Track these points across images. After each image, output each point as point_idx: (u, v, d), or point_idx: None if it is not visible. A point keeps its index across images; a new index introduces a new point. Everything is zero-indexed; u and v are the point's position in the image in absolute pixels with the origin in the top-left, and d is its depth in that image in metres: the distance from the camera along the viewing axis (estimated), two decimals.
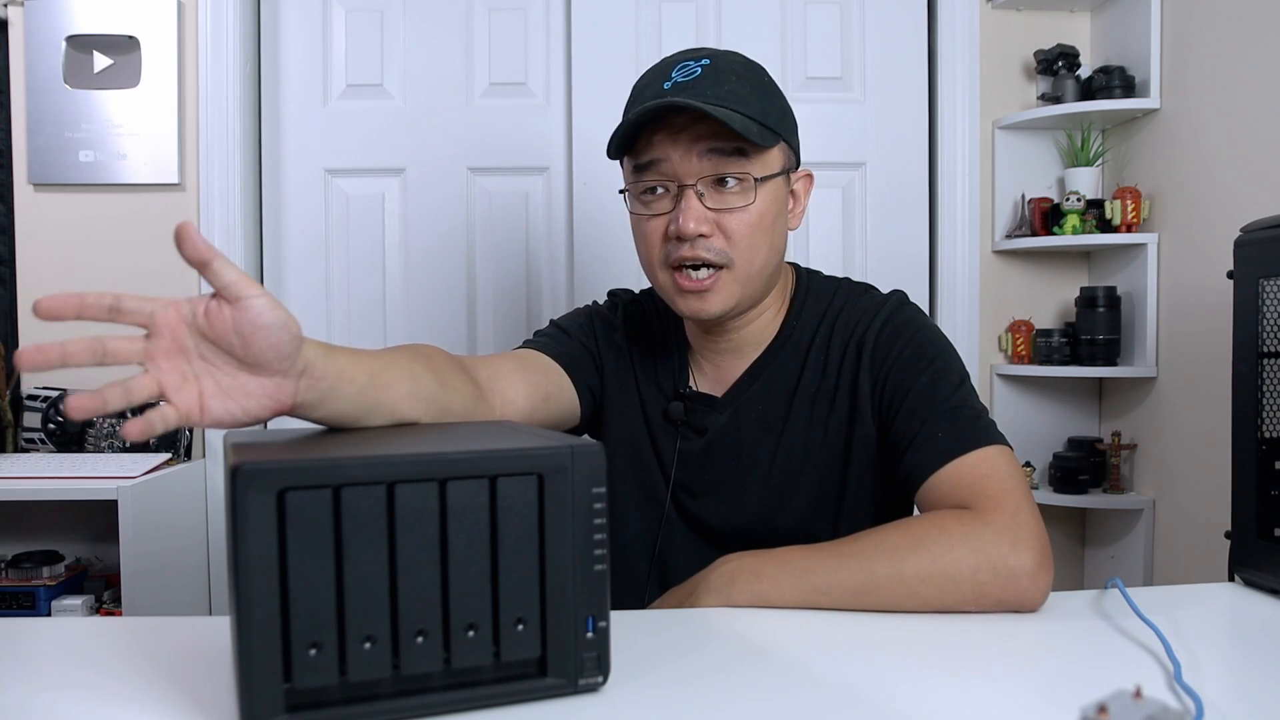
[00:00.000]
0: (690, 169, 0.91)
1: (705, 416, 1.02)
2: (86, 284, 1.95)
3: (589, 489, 0.57)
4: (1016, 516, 0.78)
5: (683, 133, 0.91)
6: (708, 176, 0.91)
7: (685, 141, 0.91)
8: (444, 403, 0.78)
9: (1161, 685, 0.60)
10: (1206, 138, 1.81)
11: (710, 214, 0.92)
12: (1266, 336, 0.84)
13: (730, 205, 0.92)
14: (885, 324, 0.97)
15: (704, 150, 0.91)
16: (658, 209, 0.94)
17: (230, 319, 0.59)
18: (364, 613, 0.52)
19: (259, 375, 0.61)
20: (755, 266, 0.94)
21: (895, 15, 2.08)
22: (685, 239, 0.92)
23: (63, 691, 0.60)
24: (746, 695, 0.59)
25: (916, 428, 0.89)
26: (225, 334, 0.59)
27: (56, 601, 1.69)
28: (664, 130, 0.91)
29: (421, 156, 2.04)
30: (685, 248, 0.92)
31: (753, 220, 0.93)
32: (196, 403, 0.60)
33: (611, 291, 1.15)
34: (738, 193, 0.92)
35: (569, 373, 1.02)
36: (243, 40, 1.97)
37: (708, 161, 0.91)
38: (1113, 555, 2.10)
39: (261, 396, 0.61)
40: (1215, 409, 1.77)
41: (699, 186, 0.92)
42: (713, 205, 0.92)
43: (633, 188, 0.96)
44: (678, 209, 0.92)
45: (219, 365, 0.61)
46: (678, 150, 0.91)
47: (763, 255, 0.94)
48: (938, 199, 2.09)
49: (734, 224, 0.92)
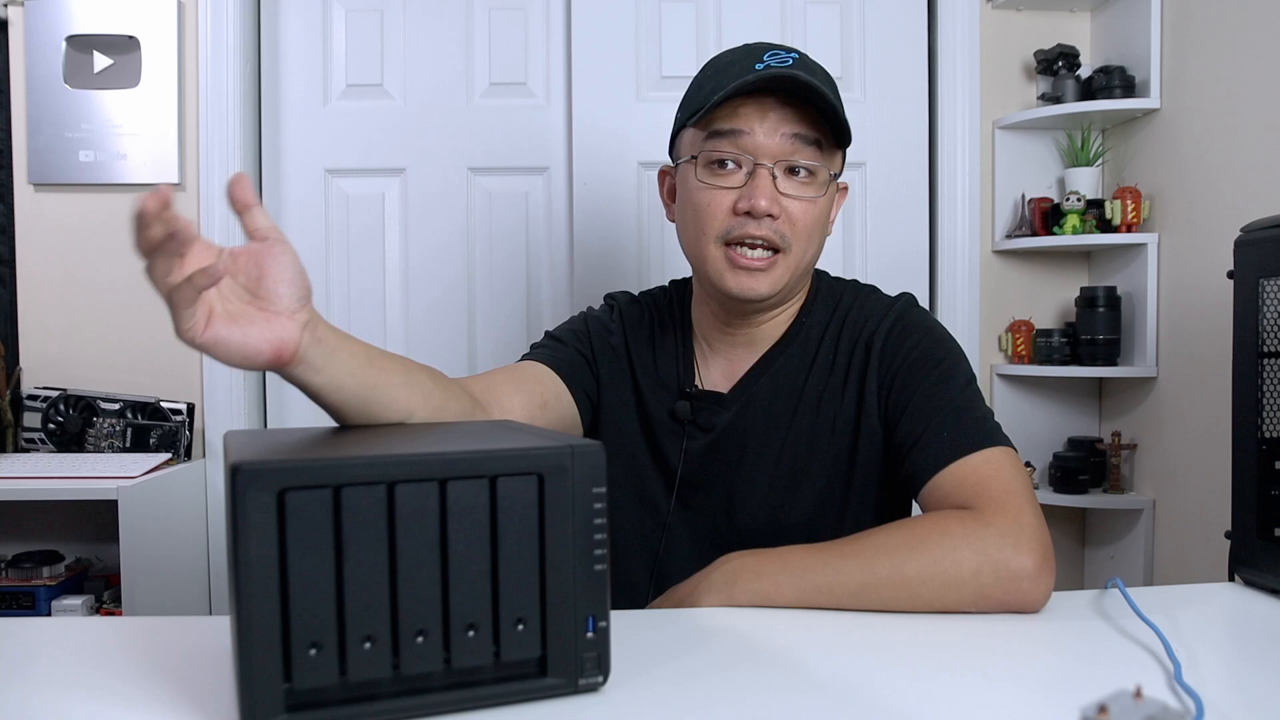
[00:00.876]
0: (771, 148, 0.92)
1: (712, 414, 1.02)
2: (86, 284, 1.95)
3: (589, 489, 0.57)
4: (1019, 518, 0.78)
5: (771, 112, 0.92)
6: (785, 161, 0.93)
7: (773, 120, 0.92)
8: (441, 400, 0.78)
9: (1161, 685, 0.60)
10: (1206, 138, 1.81)
11: (781, 198, 0.93)
12: (1266, 336, 0.84)
13: (801, 194, 0.94)
14: (895, 324, 0.97)
15: (789, 133, 0.92)
16: (728, 182, 0.94)
17: (255, 253, 0.64)
18: (364, 613, 0.52)
19: (267, 310, 0.64)
20: (806, 259, 0.96)
21: (895, 15, 2.08)
22: (755, 215, 0.92)
23: (63, 691, 0.60)
24: (746, 695, 0.59)
25: (922, 427, 0.89)
26: (247, 266, 0.64)
27: (56, 601, 1.69)
28: (752, 104, 0.92)
29: (421, 156, 2.04)
30: (752, 225, 0.92)
31: (816, 215, 0.95)
32: (202, 319, 0.61)
33: (608, 295, 1.14)
34: (809, 184, 0.94)
35: (565, 380, 1.02)
36: (243, 40, 1.97)
37: (789, 144, 0.92)
38: (1113, 555, 2.10)
39: (265, 331, 0.63)
40: (1215, 409, 1.77)
41: (775, 169, 0.93)
42: (783, 190, 0.93)
43: (704, 155, 0.95)
44: (750, 185, 0.92)
45: (233, 296, 0.64)
46: (764, 126, 0.92)
47: (814, 250, 0.97)
48: (938, 199, 2.09)
49: (800, 213, 0.94)
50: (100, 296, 1.95)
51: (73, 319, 1.95)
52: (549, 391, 1.00)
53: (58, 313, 1.95)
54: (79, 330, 1.95)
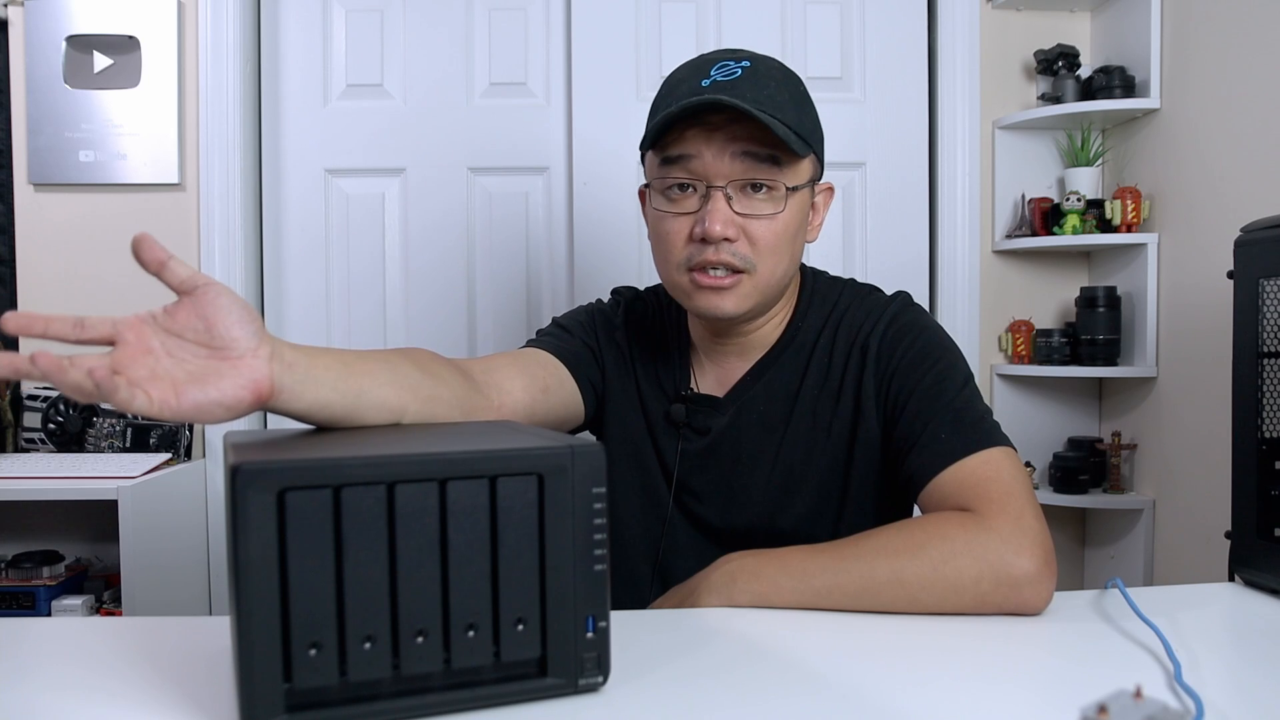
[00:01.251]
0: (722, 170, 0.90)
1: (707, 417, 1.01)
2: (86, 284, 1.95)
3: (589, 489, 0.57)
4: (1020, 521, 0.78)
5: (718, 132, 0.89)
6: (738, 180, 0.90)
7: (720, 141, 0.89)
8: (431, 390, 0.76)
9: (1161, 685, 0.60)
10: (1206, 138, 1.81)
11: (737, 218, 0.90)
12: (1266, 336, 0.84)
13: (759, 212, 0.91)
14: (890, 325, 0.96)
15: (738, 152, 0.89)
16: (683, 207, 0.92)
17: (191, 306, 0.61)
18: (364, 613, 0.52)
19: (229, 359, 0.61)
20: (776, 275, 0.93)
21: (895, 15, 2.08)
22: (710, 241, 0.90)
23: (63, 691, 0.60)
24: (746, 695, 0.59)
25: (920, 429, 0.89)
26: (189, 321, 0.61)
27: (56, 601, 1.69)
28: (699, 127, 0.89)
29: (421, 156, 2.04)
30: (709, 251, 0.90)
31: (779, 230, 0.91)
32: (171, 392, 0.58)
33: (615, 289, 1.14)
34: (767, 200, 0.91)
35: (570, 368, 1.01)
36: (243, 40, 1.97)
37: (740, 164, 0.89)
38: (1113, 555, 2.10)
39: (236, 378, 0.61)
40: (1215, 409, 1.77)
41: (728, 189, 0.90)
42: (740, 210, 0.90)
43: (658, 182, 0.94)
44: (704, 209, 0.90)
45: (189, 356, 0.61)
46: (711, 149, 0.89)
47: (784, 266, 0.94)
48: (938, 199, 2.09)
49: (760, 231, 0.91)
50: (100, 296, 1.95)
51: None
52: (552, 378, 0.99)
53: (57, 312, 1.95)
54: None
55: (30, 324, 0.58)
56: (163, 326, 0.60)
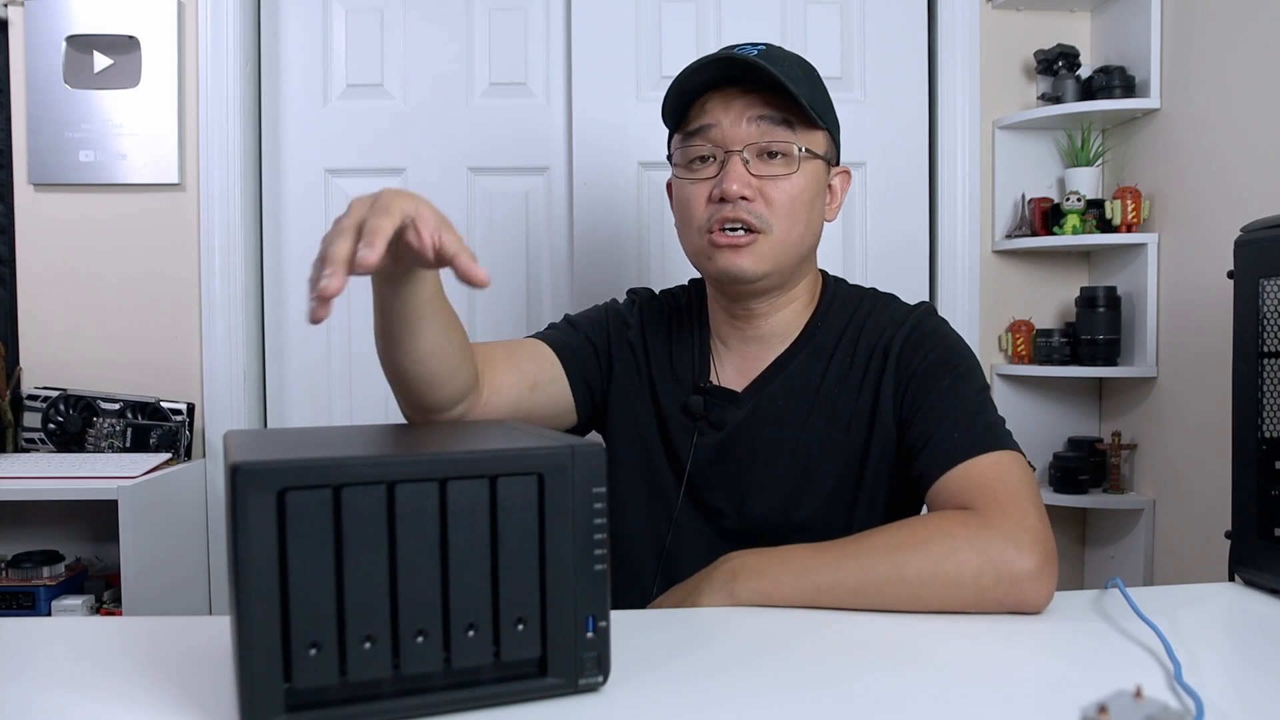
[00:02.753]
0: (739, 135, 0.95)
1: (724, 411, 1.02)
2: (86, 284, 1.95)
3: (589, 489, 0.57)
4: (1023, 520, 0.78)
5: (735, 100, 0.95)
6: (754, 145, 0.95)
7: (737, 108, 0.95)
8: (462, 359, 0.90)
9: (1161, 685, 0.60)
10: (1206, 138, 1.81)
11: (754, 180, 0.95)
12: (1266, 336, 0.84)
13: (774, 173, 0.95)
14: (914, 330, 0.99)
15: (754, 117, 0.94)
16: (703, 174, 0.97)
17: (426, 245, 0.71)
18: (364, 613, 0.52)
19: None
20: (792, 238, 0.97)
21: (895, 15, 2.08)
22: (728, 200, 0.94)
23: (63, 691, 0.60)
24: (747, 694, 0.59)
25: (934, 428, 0.91)
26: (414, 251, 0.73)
27: (56, 601, 1.69)
28: (717, 97, 0.96)
29: (421, 156, 2.04)
30: (727, 208, 0.95)
31: (794, 191, 0.96)
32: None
33: (631, 290, 1.16)
34: (782, 163, 0.96)
35: (564, 363, 1.03)
36: (243, 40, 1.96)
37: (755, 128, 0.95)
38: (1113, 555, 2.10)
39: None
40: (1215, 409, 1.77)
41: (745, 154, 0.95)
42: (757, 173, 0.95)
43: (680, 155, 0.99)
44: (722, 173, 0.95)
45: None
46: (729, 116, 0.95)
47: (800, 229, 0.97)
48: (938, 199, 2.09)
49: (776, 192, 0.95)
50: (100, 296, 1.95)
51: (73, 319, 1.95)
52: (544, 374, 1.01)
53: (58, 313, 1.95)
54: (79, 330, 1.95)
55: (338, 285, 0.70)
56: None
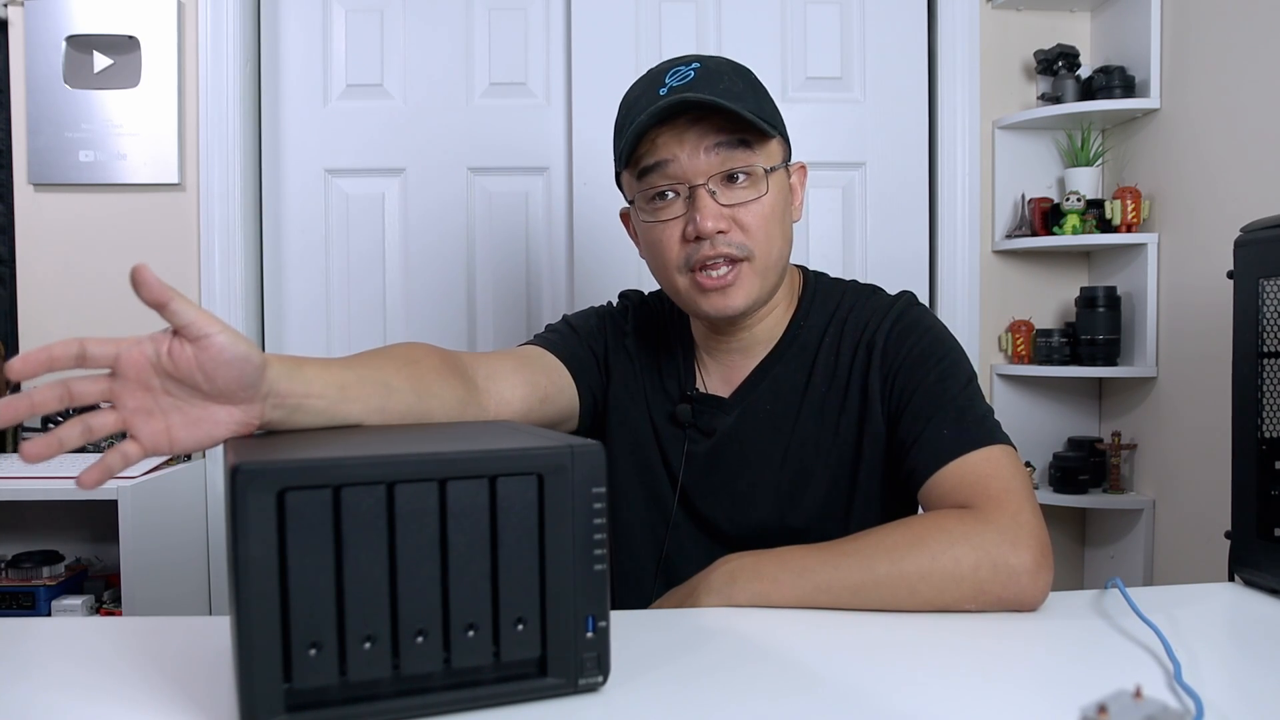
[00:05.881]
0: (699, 167, 0.91)
1: (713, 418, 1.02)
2: (86, 284, 1.95)
3: (589, 489, 0.57)
4: (1018, 516, 0.78)
5: (688, 131, 0.91)
6: (717, 174, 0.92)
7: (692, 140, 0.91)
8: (422, 414, 0.76)
9: (1161, 685, 0.60)
10: (1206, 138, 1.80)
11: (725, 210, 0.92)
12: (1266, 336, 0.84)
13: (744, 199, 0.93)
14: (895, 323, 0.97)
15: (711, 145, 0.91)
16: (670, 213, 0.94)
17: (193, 357, 0.61)
18: (364, 613, 0.52)
19: (225, 404, 0.63)
20: (773, 257, 0.95)
21: (895, 15, 2.08)
22: (705, 238, 0.92)
23: (63, 691, 0.60)
24: (746, 695, 0.59)
25: (922, 425, 0.90)
26: (190, 372, 0.61)
27: (56, 601, 1.69)
28: (668, 132, 0.92)
29: (421, 156, 2.04)
30: (706, 246, 0.92)
31: (766, 211, 0.94)
32: (165, 434, 0.62)
33: (623, 293, 1.15)
34: (748, 186, 0.93)
35: (573, 374, 1.02)
36: (243, 40, 1.97)
37: (715, 157, 0.91)
38: (1113, 555, 2.10)
39: (229, 422, 0.64)
40: (1215, 409, 1.77)
41: (710, 185, 0.92)
42: (726, 201, 0.92)
43: (641, 195, 0.96)
44: (692, 210, 0.92)
45: (185, 399, 0.63)
46: (685, 149, 0.91)
47: (778, 244, 0.96)
48: (938, 199, 2.09)
49: (749, 217, 0.93)
50: (100, 296, 1.95)
51: (73, 319, 1.95)
52: (554, 385, 0.99)
53: (58, 313, 1.95)
54: (79, 330, 1.95)
55: (35, 365, 0.59)
56: (164, 369, 0.61)
